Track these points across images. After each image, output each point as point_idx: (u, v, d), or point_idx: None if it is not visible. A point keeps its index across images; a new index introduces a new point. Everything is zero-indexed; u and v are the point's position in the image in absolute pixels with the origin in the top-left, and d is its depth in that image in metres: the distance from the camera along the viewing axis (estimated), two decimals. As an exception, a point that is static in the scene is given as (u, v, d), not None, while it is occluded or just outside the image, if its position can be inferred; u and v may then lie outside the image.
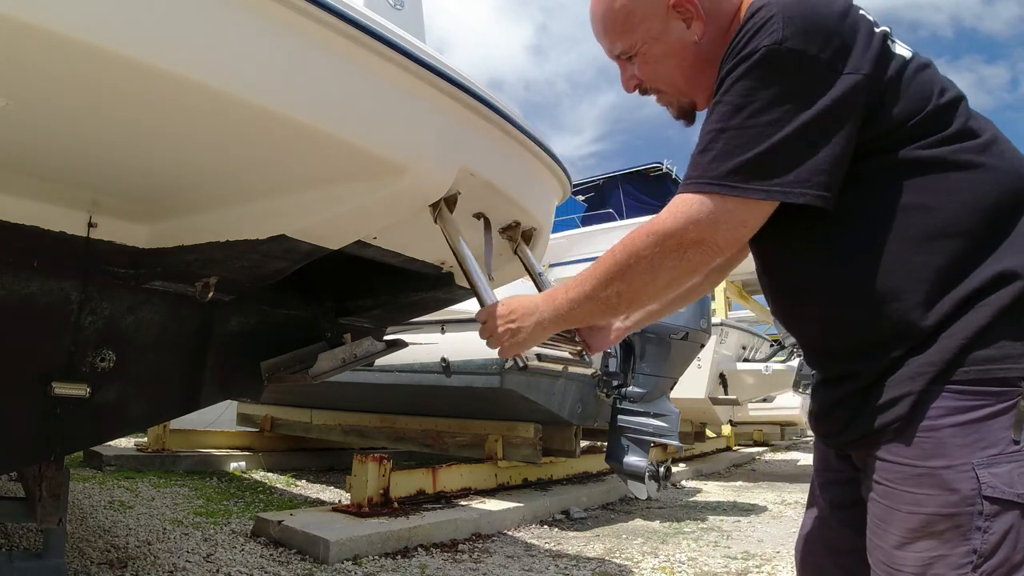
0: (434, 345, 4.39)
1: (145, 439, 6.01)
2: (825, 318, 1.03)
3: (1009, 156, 0.97)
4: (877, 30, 0.96)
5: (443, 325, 4.35)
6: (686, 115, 1.17)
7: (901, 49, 0.98)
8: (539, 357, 1.64)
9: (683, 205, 0.96)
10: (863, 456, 1.00)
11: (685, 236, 0.96)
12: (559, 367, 1.60)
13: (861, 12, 0.96)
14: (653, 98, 1.19)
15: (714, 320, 5.46)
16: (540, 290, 1.89)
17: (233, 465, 5.98)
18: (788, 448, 12.25)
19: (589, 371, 1.80)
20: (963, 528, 0.87)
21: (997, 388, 0.88)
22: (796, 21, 0.90)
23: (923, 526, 0.90)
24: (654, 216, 1.01)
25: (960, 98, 0.97)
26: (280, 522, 3.49)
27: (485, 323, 1.23)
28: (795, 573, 1.24)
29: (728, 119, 0.93)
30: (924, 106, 0.94)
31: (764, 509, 5.36)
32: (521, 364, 1.39)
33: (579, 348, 1.52)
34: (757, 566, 3.48)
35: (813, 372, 1.14)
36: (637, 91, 1.16)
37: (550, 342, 1.44)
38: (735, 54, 0.94)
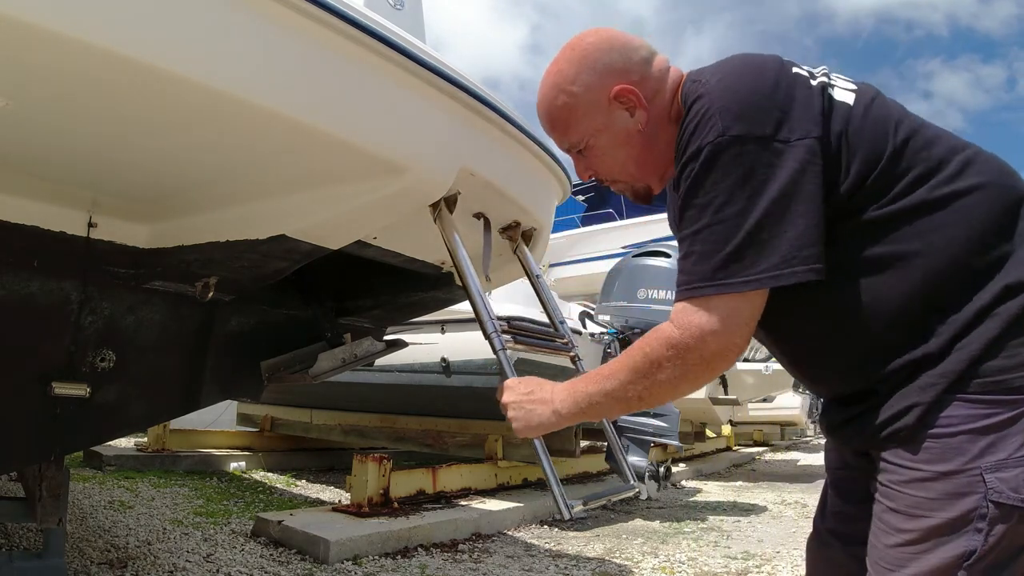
0: (434, 345, 4.39)
1: (145, 439, 6.01)
2: (831, 372, 1.05)
3: (989, 170, 0.97)
4: (814, 83, 0.97)
5: (443, 325, 4.35)
6: (643, 198, 1.18)
7: (843, 93, 0.98)
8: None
9: (691, 317, 0.95)
10: (875, 456, 1.01)
11: (706, 350, 0.95)
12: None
13: (794, 71, 0.97)
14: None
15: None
16: (537, 292, 1.90)
17: (233, 465, 5.98)
18: (788, 448, 12.25)
19: (570, 355, 1.80)
20: (964, 530, 0.88)
21: (1010, 396, 0.89)
22: (732, 109, 0.92)
23: (922, 527, 0.92)
24: (664, 327, 0.99)
25: (917, 128, 0.97)
26: (280, 522, 3.49)
27: (504, 395, 1.20)
28: (802, 569, 1.26)
29: (697, 221, 0.94)
30: (883, 151, 0.94)
31: (764, 509, 5.36)
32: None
33: (565, 340, 1.58)
34: (757, 566, 3.48)
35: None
36: (594, 179, 1.17)
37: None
38: (682, 154, 0.96)
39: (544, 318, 1.90)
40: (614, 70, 1.05)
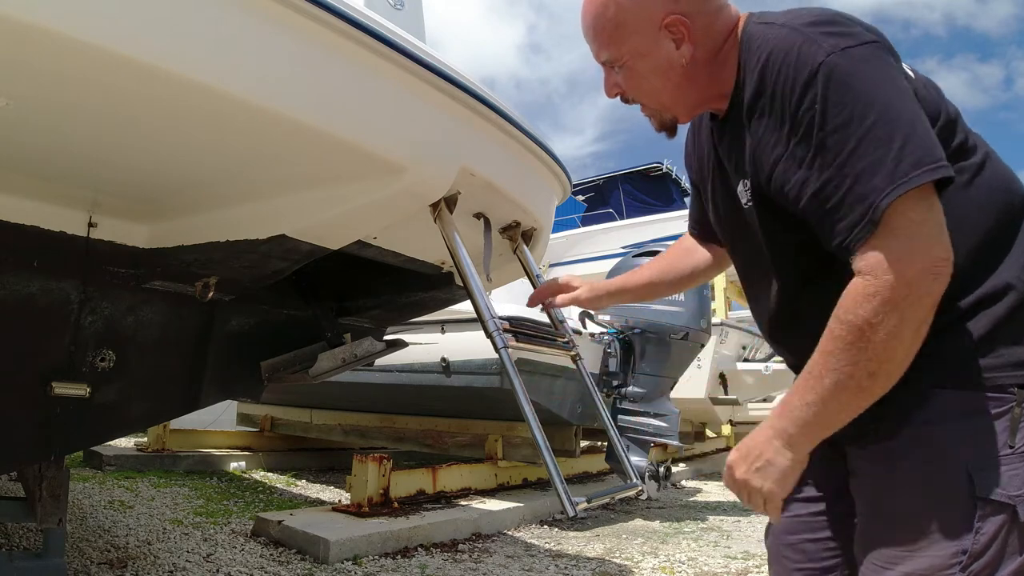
0: (434, 345, 4.39)
1: (145, 439, 6.01)
2: (813, 326, 0.98)
3: (1000, 172, 0.97)
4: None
5: (443, 325, 4.35)
6: (668, 128, 1.14)
7: (906, 68, 0.96)
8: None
9: (878, 248, 0.83)
10: (856, 456, 1.01)
11: (914, 274, 0.82)
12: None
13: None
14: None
15: (714, 320, 5.46)
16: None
17: (233, 465, 5.98)
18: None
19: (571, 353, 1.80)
20: (954, 528, 0.88)
21: (994, 394, 0.89)
22: (828, 30, 0.89)
23: (914, 525, 0.91)
24: (847, 289, 0.87)
25: (958, 113, 0.96)
26: (280, 522, 3.49)
27: (736, 473, 1.00)
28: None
29: (846, 144, 0.84)
30: (936, 119, 0.92)
31: (764, 509, 5.35)
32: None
33: (566, 339, 1.56)
34: (757, 566, 3.48)
35: None
36: (619, 98, 1.13)
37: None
38: (792, 93, 0.88)
39: (544, 318, 1.90)
40: None
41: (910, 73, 0.96)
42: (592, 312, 4.67)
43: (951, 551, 0.88)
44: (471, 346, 4.15)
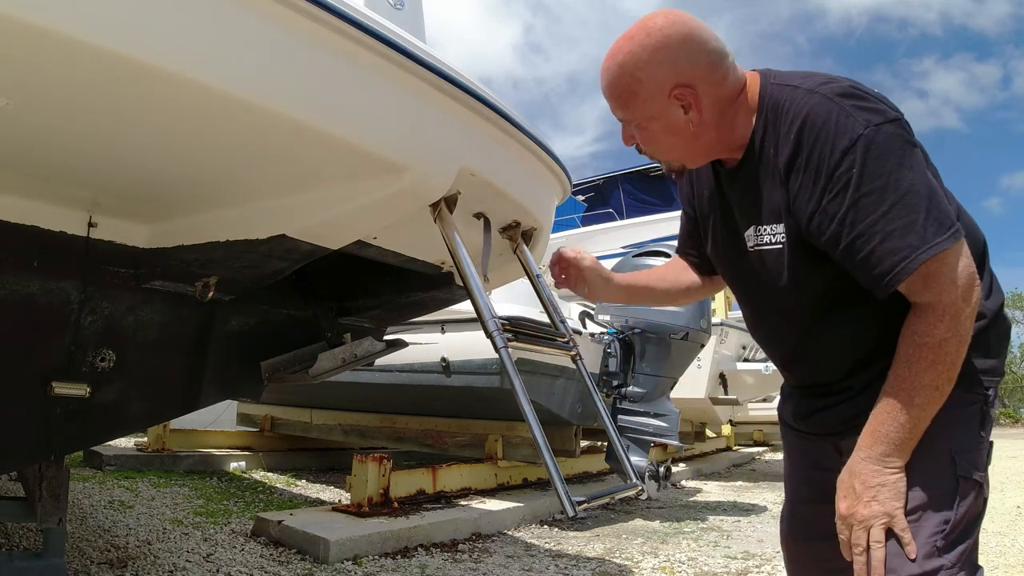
0: (434, 345, 4.39)
1: (145, 439, 6.01)
2: (825, 356, 1.19)
3: (965, 218, 1.14)
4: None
5: (443, 325, 4.35)
6: (677, 172, 1.28)
7: None
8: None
9: (935, 282, 1.01)
10: (851, 445, 1.14)
11: (969, 297, 1.02)
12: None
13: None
14: None
15: (714, 320, 5.45)
16: (537, 292, 1.92)
17: (233, 465, 5.98)
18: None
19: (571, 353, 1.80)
20: (941, 501, 1.06)
21: (967, 393, 1.09)
22: (860, 105, 1.03)
23: (908, 502, 1.06)
24: (913, 320, 1.05)
25: (937, 173, 1.12)
26: (280, 522, 3.49)
27: (843, 507, 1.11)
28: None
29: (882, 203, 1.00)
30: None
31: (764, 509, 5.36)
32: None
33: (566, 339, 1.64)
34: (757, 566, 3.48)
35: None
36: (635, 148, 1.24)
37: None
38: (824, 154, 1.03)
39: (544, 318, 1.90)
40: (679, 69, 1.11)
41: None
42: (592, 312, 4.67)
43: (939, 521, 1.05)
44: (471, 346, 4.15)
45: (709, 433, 9.04)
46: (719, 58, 1.12)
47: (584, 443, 5.72)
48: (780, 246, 1.14)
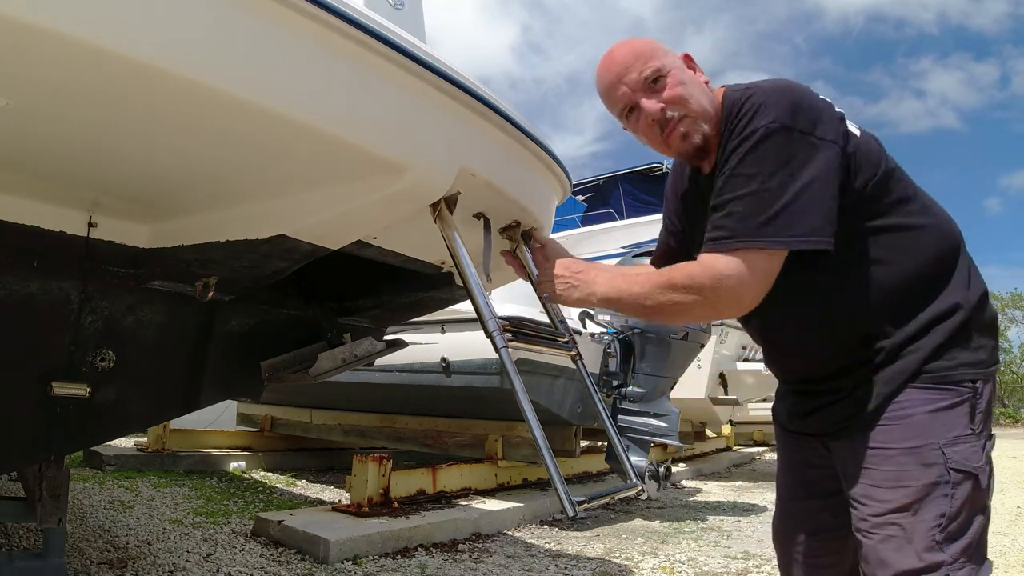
0: (434, 345, 4.39)
1: (145, 439, 6.01)
2: (813, 349, 1.26)
3: (938, 213, 1.22)
4: (836, 110, 1.18)
5: (443, 325, 4.35)
6: (699, 147, 1.27)
7: (853, 127, 1.19)
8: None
9: (715, 263, 1.14)
10: (843, 446, 1.22)
11: (718, 293, 1.14)
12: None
13: (821, 96, 1.19)
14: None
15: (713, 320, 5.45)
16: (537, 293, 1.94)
17: (233, 465, 5.98)
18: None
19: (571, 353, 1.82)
20: (935, 495, 1.10)
21: (954, 387, 1.13)
22: (783, 104, 1.13)
23: (904, 496, 1.11)
24: (692, 264, 1.18)
25: (895, 167, 1.21)
26: (280, 522, 3.49)
27: (556, 269, 1.41)
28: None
29: (742, 188, 1.12)
30: (873, 175, 1.17)
31: (764, 509, 5.36)
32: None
33: (566, 339, 1.71)
34: (757, 566, 3.48)
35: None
36: (658, 127, 1.27)
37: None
38: (738, 134, 1.14)
39: (544, 318, 1.90)
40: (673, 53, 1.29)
41: (855, 132, 1.18)
42: (592, 312, 4.67)
43: (935, 513, 1.09)
44: (471, 346, 4.15)
45: (709, 433, 9.04)
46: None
47: (584, 443, 5.72)
48: None
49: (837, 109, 1.18)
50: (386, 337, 2.47)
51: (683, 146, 1.26)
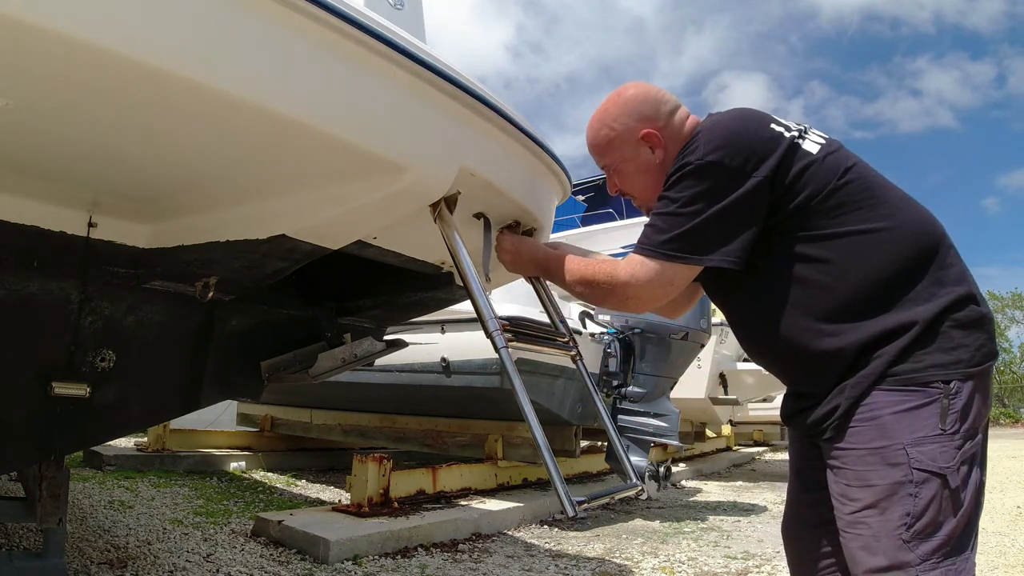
0: (434, 345, 4.39)
1: (145, 439, 6.01)
2: (777, 358, 1.37)
3: (906, 217, 1.25)
4: (788, 135, 1.28)
5: (443, 325, 4.35)
6: (649, 211, 1.46)
7: (811, 145, 1.28)
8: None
9: (631, 263, 1.35)
10: (825, 446, 1.28)
11: (626, 290, 1.35)
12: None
13: (772, 127, 1.29)
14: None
15: (714, 320, 5.46)
16: (538, 293, 1.95)
17: (233, 465, 5.98)
18: (788, 448, 12.23)
19: (571, 354, 1.84)
20: (900, 495, 1.13)
21: (922, 388, 1.16)
22: (715, 140, 1.27)
23: (871, 495, 1.16)
24: (616, 261, 1.40)
25: (857, 177, 1.26)
26: (280, 522, 3.49)
27: (503, 243, 1.72)
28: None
29: (666, 208, 1.31)
30: (823, 189, 1.24)
31: (764, 509, 5.36)
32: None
33: (566, 339, 1.78)
34: (757, 566, 3.48)
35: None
36: (619, 194, 1.56)
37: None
38: (677, 162, 1.32)
39: (544, 318, 1.90)
40: (645, 117, 1.43)
41: (811, 151, 1.26)
42: (592, 312, 4.67)
43: (901, 512, 1.13)
44: (471, 346, 4.15)
45: (709, 433, 9.05)
46: (675, 106, 1.44)
47: (584, 443, 5.72)
48: None
49: (790, 132, 1.28)
50: (386, 337, 2.47)
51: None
